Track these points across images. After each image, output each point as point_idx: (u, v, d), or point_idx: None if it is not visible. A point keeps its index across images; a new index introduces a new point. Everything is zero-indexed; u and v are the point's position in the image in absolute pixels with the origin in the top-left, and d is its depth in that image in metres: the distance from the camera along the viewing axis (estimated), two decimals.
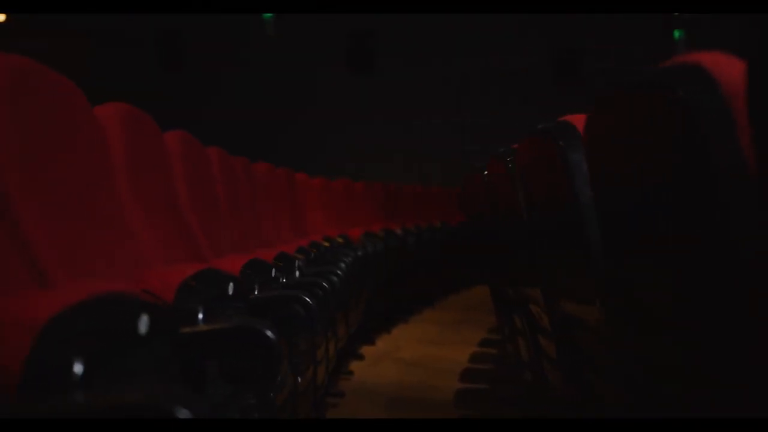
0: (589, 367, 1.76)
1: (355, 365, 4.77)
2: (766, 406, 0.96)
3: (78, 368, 0.86)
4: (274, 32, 12.38)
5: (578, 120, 1.46)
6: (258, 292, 1.93)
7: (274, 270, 2.16)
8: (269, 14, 12.20)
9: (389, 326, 6.06)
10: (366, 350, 5.21)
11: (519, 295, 2.43)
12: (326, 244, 4.08)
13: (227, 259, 2.04)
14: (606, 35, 11.44)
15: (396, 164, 11.34)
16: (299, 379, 1.91)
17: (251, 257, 2.17)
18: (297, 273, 2.69)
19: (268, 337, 1.28)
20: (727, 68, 0.89)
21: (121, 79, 9.71)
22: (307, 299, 1.86)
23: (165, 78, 11.05)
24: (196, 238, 2.27)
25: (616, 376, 1.52)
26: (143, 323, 1.05)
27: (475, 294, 8.28)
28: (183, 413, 0.75)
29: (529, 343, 2.46)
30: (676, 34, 12.19)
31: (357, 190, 6.87)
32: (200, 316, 1.39)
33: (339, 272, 2.94)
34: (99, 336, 0.93)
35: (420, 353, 5.34)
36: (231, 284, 1.63)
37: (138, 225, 1.86)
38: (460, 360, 5.04)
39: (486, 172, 2.53)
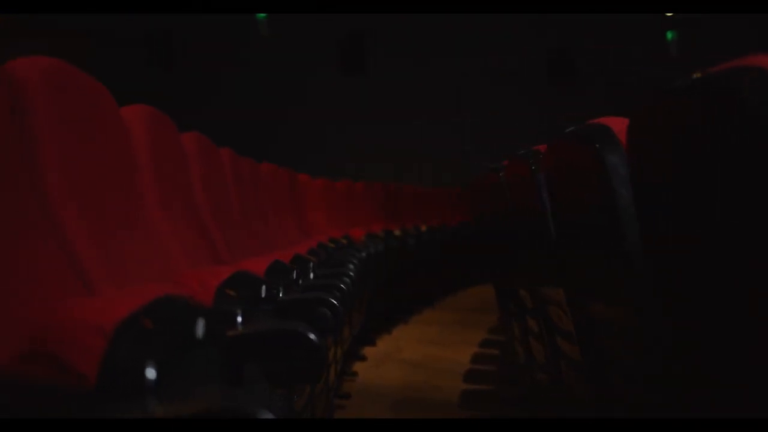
0: (615, 369, 1.76)
1: (358, 366, 4.78)
2: None
3: (152, 371, 0.86)
4: (267, 32, 12.37)
5: (614, 122, 1.47)
6: (282, 294, 1.93)
7: (295, 272, 2.16)
8: (263, 14, 12.20)
9: (389, 327, 6.06)
10: (368, 351, 5.22)
11: (536, 296, 2.44)
12: (331, 245, 4.08)
13: (249, 262, 2.04)
14: (600, 35, 11.46)
15: (394, 164, 11.35)
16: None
17: (271, 260, 2.17)
18: (311, 275, 2.69)
19: (312, 340, 1.28)
20: None
21: (113, 78, 9.67)
22: (334, 301, 1.86)
23: (160, 77, 11.02)
24: (214, 240, 2.27)
25: (647, 378, 1.53)
26: (200, 326, 1.05)
27: (472, 295, 8.30)
28: (266, 414, 0.75)
29: (545, 344, 2.47)
30: (669, 35, 12.23)
31: (357, 191, 6.88)
32: (239, 319, 1.39)
33: (351, 274, 2.95)
34: (166, 339, 0.93)
35: (421, 354, 5.35)
36: (263, 287, 1.63)
37: (163, 227, 1.86)
38: (462, 361, 5.05)
39: (502, 173, 2.54)
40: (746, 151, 0.91)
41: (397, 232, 6.28)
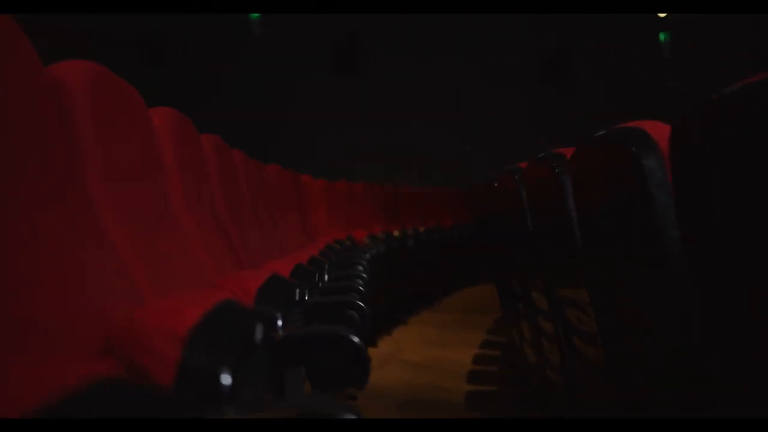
0: (642, 370, 1.77)
1: None
2: None
3: (227, 377, 0.86)
4: (260, 32, 12.36)
5: (650, 126, 1.48)
6: (308, 297, 1.94)
7: (317, 275, 2.16)
8: (256, 14, 12.19)
9: (390, 327, 6.07)
10: (369, 352, 5.22)
11: (552, 298, 2.45)
12: (337, 246, 4.09)
13: (273, 264, 2.04)
14: (600, 36, 11.49)
15: (391, 164, 11.35)
16: None
17: (291, 262, 2.18)
18: (325, 277, 2.70)
19: (356, 343, 1.29)
20: None
21: None
22: (360, 303, 1.87)
23: (156, 77, 11.00)
24: (233, 242, 2.28)
25: (681, 381, 1.54)
26: (259, 330, 1.06)
27: (468, 295, 8.32)
28: (350, 415, 0.76)
29: (561, 345, 2.48)
30: (662, 36, 12.28)
31: (356, 191, 6.89)
32: (279, 322, 1.39)
33: (364, 275, 2.95)
34: (233, 345, 0.94)
35: (423, 355, 5.36)
36: (297, 290, 1.63)
37: (190, 229, 1.86)
38: (464, 361, 5.06)
39: (518, 176, 2.54)
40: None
41: (396, 233, 6.29)
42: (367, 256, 4.39)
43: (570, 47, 11.70)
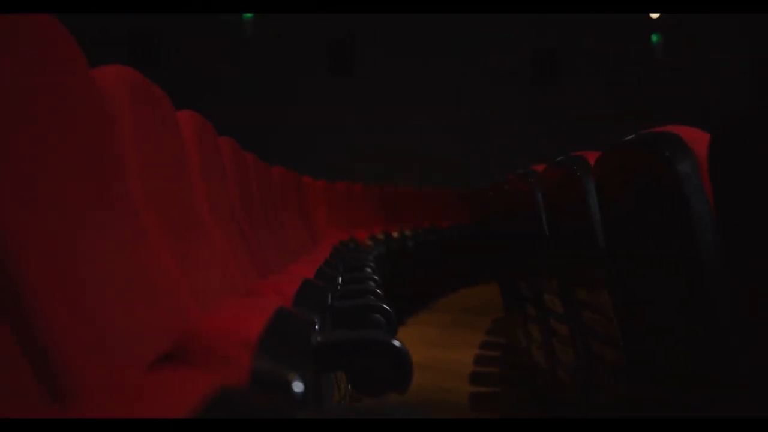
0: (667, 373, 1.79)
1: None
2: None
3: (299, 384, 0.87)
4: (252, 32, 12.36)
5: (684, 132, 1.49)
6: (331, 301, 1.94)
7: (340, 278, 2.17)
8: (249, 14, 12.18)
9: None
10: None
11: (568, 301, 2.46)
12: (343, 249, 4.10)
13: (294, 269, 2.05)
14: (592, 36, 11.52)
15: (388, 165, 11.35)
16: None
17: (310, 265, 2.18)
18: (339, 280, 2.70)
19: (399, 348, 1.30)
20: None
21: None
22: (386, 307, 1.87)
23: (149, 77, 10.96)
24: (253, 247, 2.28)
25: (709, 384, 1.55)
26: (314, 336, 1.06)
27: (465, 296, 8.33)
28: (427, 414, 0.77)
29: (577, 347, 2.50)
30: (654, 38, 12.33)
31: (356, 192, 6.90)
32: (317, 327, 1.40)
33: (376, 277, 2.96)
34: (298, 350, 0.95)
35: (423, 355, 5.37)
36: (329, 295, 1.64)
37: (215, 233, 1.86)
38: (465, 362, 5.08)
39: (532, 179, 2.56)
40: None
41: (395, 235, 6.31)
42: (371, 257, 4.40)
43: (568, 48, 11.73)
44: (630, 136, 1.64)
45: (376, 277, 2.98)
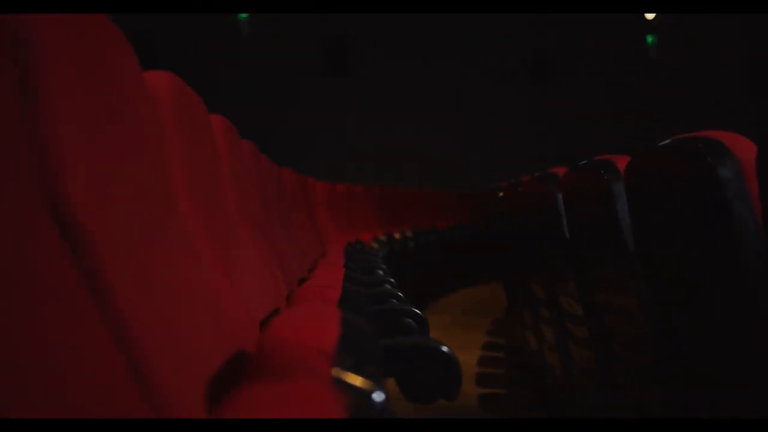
0: (701, 377, 1.79)
1: None
2: None
3: (381, 394, 0.87)
4: (248, 32, 12.34)
5: (724, 136, 1.50)
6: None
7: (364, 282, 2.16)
8: (244, 15, 12.17)
9: None
10: None
11: (589, 305, 2.47)
12: (351, 251, 4.10)
13: (321, 272, 2.05)
14: (592, 36, 11.54)
15: (389, 165, 11.35)
16: None
17: (336, 270, 2.18)
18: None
19: (449, 354, 1.30)
20: None
21: None
22: (417, 311, 1.87)
23: None
24: (278, 253, 2.28)
25: (749, 388, 1.56)
26: (380, 345, 1.06)
27: (462, 297, 8.33)
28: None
29: (598, 349, 2.50)
30: (649, 38, 12.36)
31: (356, 193, 6.90)
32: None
33: (392, 280, 2.96)
34: (372, 357, 0.95)
35: None
36: (365, 299, 1.64)
37: (248, 242, 1.86)
38: (468, 363, 5.08)
39: (552, 183, 2.56)
40: None
41: (397, 236, 6.31)
42: (380, 259, 4.40)
43: (568, 48, 11.75)
44: (666, 141, 1.65)
45: (392, 280, 2.98)
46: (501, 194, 4.07)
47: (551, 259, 2.78)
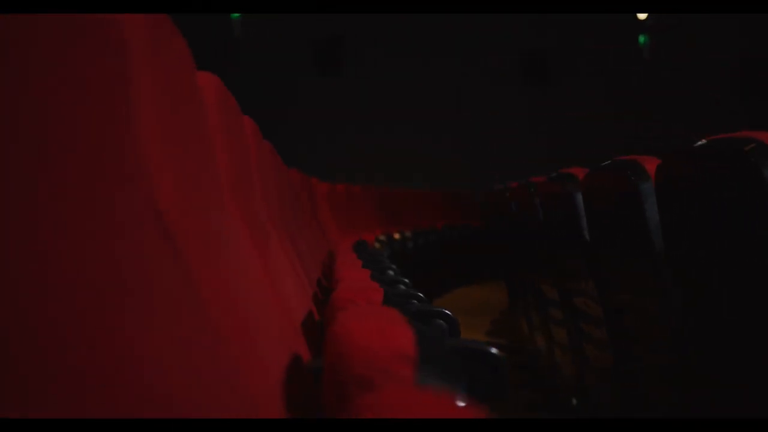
0: (731, 378, 1.80)
1: None
2: None
3: (463, 396, 0.87)
4: (240, 32, 12.31)
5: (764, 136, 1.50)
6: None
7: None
8: (237, 14, 12.14)
9: None
10: None
11: (608, 305, 2.47)
12: (359, 250, 4.09)
13: (350, 273, 2.03)
14: (599, 35, 11.55)
15: (389, 165, 11.35)
16: None
17: (362, 271, 2.18)
18: None
19: (499, 357, 1.30)
20: None
21: None
22: (448, 312, 1.87)
23: None
24: (301, 254, 2.28)
25: None
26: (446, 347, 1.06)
27: (462, 297, 8.32)
28: None
29: (615, 350, 2.51)
30: (641, 39, 12.38)
31: (356, 193, 6.91)
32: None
33: (406, 280, 2.95)
34: (448, 361, 0.95)
35: None
36: (404, 302, 1.63)
37: (278, 244, 1.86)
38: None
39: (571, 184, 2.57)
40: None
41: (397, 236, 6.32)
42: (387, 259, 4.40)
43: (567, 48, 11.77)
44: (700, 142, 1.65)
45: (406, 280, 2.97)
46: (509, 195, 4.07)
47: (567, 259, 2.79)
